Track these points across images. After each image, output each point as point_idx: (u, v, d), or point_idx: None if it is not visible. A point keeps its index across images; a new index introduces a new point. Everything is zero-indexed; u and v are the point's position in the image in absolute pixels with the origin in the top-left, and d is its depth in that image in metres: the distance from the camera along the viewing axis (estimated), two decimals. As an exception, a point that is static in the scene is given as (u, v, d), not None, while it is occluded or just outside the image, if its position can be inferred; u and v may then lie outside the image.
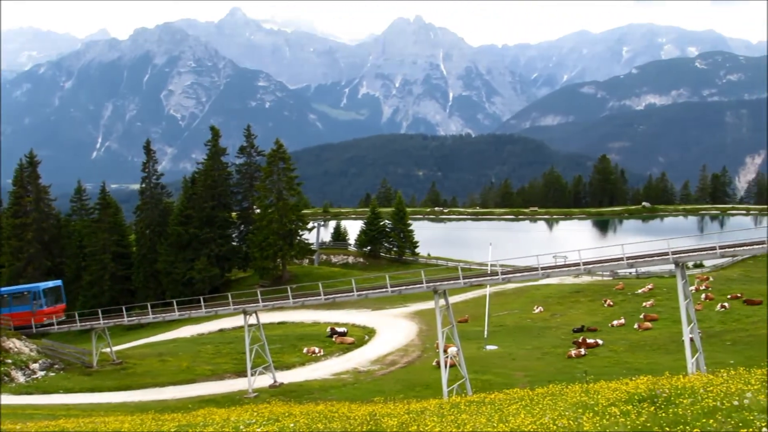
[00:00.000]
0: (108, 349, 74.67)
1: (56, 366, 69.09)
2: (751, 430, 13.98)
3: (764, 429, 13.79)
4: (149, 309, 71.00)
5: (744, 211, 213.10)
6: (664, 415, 16.39)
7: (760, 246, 44.79)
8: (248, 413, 34.43)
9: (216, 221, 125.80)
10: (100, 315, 72.88)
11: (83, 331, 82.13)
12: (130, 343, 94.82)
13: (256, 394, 57.66)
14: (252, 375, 59.76)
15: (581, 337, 69.93)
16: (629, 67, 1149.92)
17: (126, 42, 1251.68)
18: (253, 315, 61.98)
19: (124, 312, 73.55)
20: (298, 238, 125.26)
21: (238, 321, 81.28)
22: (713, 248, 46.37)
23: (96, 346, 72.13)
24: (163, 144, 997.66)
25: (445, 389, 47.41)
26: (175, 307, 67.31)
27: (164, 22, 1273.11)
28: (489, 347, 71.96)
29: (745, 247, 46.84)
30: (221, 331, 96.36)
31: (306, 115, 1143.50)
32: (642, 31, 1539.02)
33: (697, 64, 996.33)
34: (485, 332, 75.25)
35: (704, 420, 15.12)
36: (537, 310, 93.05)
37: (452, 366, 52.17)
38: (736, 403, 16.32)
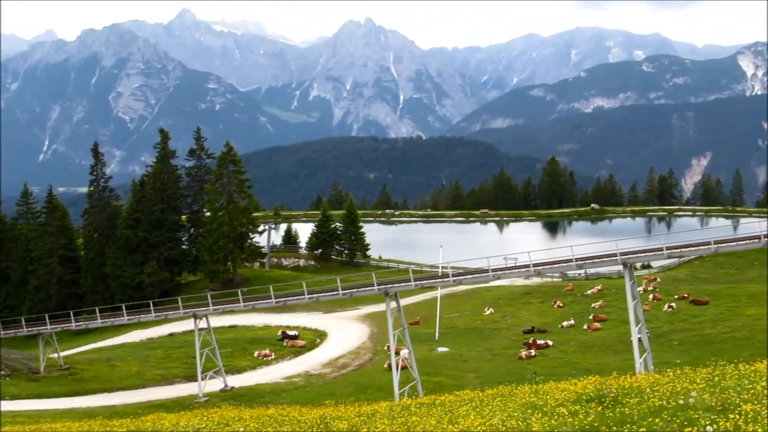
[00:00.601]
0: (55, 355, 73.79)
1: (2, 372, 68.18)
2: (696, 428, 14.19)
3: (708, 427, 14.00)
4: (98, 313, 70.24)
5: (690, 213, 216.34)
6: (611, 414, 16.59)
7: (706, 247, 45.40)
8: (198, 418, 34.26)
9: (165, 224, 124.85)
10: (47, 320, 71.95)
11: (30, 337, 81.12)
12: (78, 348, 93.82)
13: (206, 398, 57.31)
14: (202, 379, 59.41)
15: (531, 339, 70.47)
16: (577, 70, 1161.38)
17: (73, 43, 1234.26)
18: (204, 319, 61.65)
19: (72, 317, 72.58)
20: (249, 241, 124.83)
21: (188, 325, 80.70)
22: (660, 249, 46.94)
23: (43, 351, 71.24)
24: (112, 146, 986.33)
25: (396, 391, 47.46)
26: (124, 311, 66.67)
27: (112, 23, 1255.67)
28: (440, 349, 72.24)
29: (691, 248, 47.45)
30: (171, 335, 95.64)
31: (256, 117, 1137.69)
32: (590, 34, 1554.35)
33: (644, 67, 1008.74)
34: (436, 334, 75.57)
35: (650, 419, 15.33)
36: (488, 312, 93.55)
37: (404, 368, 52.28)
38: (681, 402, 16.57)
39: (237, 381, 64.57)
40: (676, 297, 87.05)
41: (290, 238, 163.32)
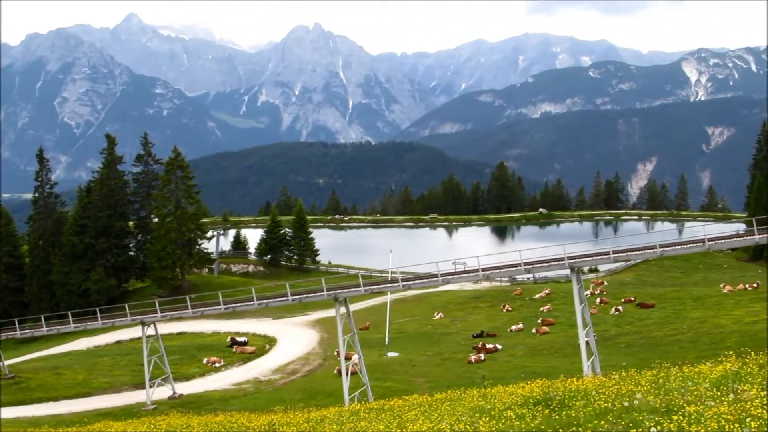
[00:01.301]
0: (0, 363, 72.62)
1: (-55, 382, 66.88)
2: (640, 430, 14.37)
3: (653, 429, 14.18)
4: (43, 321, 69.32)
5: (636, 217, 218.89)
6: (557, 417, 16.74)
7: (652, 251, 45.97)
8: (145, 426, 34.04)
9: (112, 231, 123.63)
10: (-9, 328, 70.87)
11: (-27, 346, 79.70)
12: (23, 356, 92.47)
13: (154, 406, 56.81)
14: (150, 387, 58.85)
15: (481, 343, 70.78)
16: (525, 76, 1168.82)
17: (17, 47, 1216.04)
18: (152, 326, 61.07)
19: (17, 325, 71.61)
20: (198, 247, 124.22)
21: (135, 332, 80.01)
22: (607, 253, 47.33)
23: (-13, 360, 70.14)
24: (57, 152, 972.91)
25: (346, 397, 47.43)
26: (71, 319, 65.79)
27: (57, 27, 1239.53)
28: (390, 354, 72.31)
29: (637, 252, 48.06)
30: (118, 342, 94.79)
31: (205, 122, 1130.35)
32: (537, 40, 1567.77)
33: (590, 73, 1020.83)
34: (386, 339, 75.64)
35: (596, 421, 15.50)
36: (437, 317, 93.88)
37: (354, 373, 52.23)
38: (626, 404, 16.76)
39: (186, 388, 64.07)
40: (622, 300, 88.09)
41: (239, 244, 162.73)
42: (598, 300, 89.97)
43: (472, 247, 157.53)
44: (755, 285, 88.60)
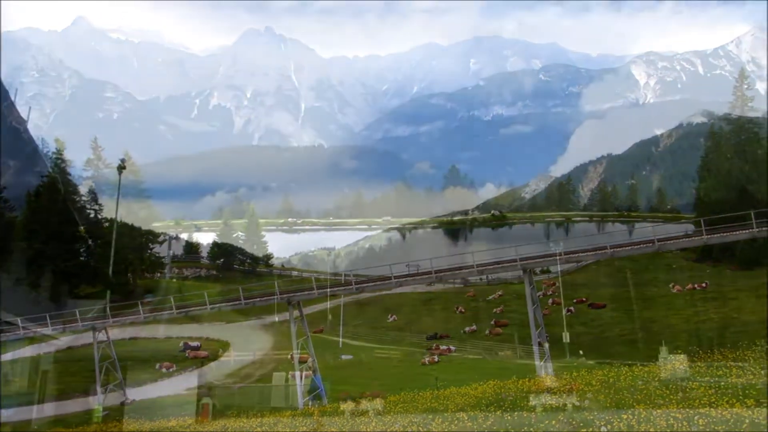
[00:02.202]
0: (-52, 372, 71.52)
1: None
2: (591, 429, 14.52)
3: (603, 428, 14.34)
4: (-9, 329, 68.32)
5: (588, 218, 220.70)
6: (509, 417, 16.86)
7: (603, 252, 46.44)
8: (97, 433, 33.70)
9: (63, 236, 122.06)
10: (-63, 337, 69.69)
11: None
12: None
13: (106, 412, 56.17)
14: (102, 393, 58.21)
15: (434, 344, 71.09)
16: (477, 79, 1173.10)
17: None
18: (103, 331, 60.43)
19: (-35, 333, 70.47)
20: (149, 251, 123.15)
21: (87, 338, 79.06)
22: (559, 254, 47.70)
23: (-66, 369, 69.01)
24: (6, 157, 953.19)
25: (300, 400, 47.33)
26: (20, 325, 64.90)
27: (5, 30, 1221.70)
28: (344, 357, 72.29)
29: (588, 253, 48.51)
30: (69, 348, 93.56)
31: (156, 126, 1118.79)
32: (488, 44, 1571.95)
33: (541, 76, 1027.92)
34: (340, 342, 75.67)
35: (547, 421, 15.63)
36: (391, 319, 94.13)
37: (308, 377, 52.12)
38: (577, 403, 16.94)
39: (138, 394, 63.47)
40: (574, 301, 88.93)
41: (192, 249, 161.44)
42: (550, 301, 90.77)
43: (426, 249, 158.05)
44: (704, 285, 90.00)
